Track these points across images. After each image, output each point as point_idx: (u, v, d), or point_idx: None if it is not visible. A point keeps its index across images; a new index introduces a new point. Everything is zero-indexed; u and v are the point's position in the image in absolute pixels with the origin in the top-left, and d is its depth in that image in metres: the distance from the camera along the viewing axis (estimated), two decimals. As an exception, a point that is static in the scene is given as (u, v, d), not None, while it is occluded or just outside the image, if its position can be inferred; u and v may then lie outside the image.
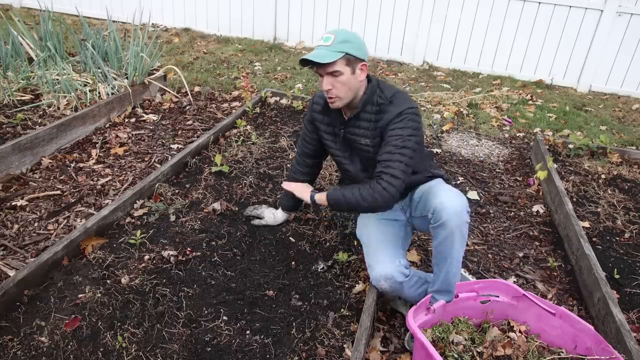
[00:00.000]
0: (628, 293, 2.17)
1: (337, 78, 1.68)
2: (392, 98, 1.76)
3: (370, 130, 1.80)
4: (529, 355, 1.61)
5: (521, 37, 5.34)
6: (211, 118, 3.72)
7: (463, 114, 4.29)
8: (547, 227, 2.69)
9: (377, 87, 1.79)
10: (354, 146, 1.89)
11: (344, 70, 1.67)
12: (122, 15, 6.19)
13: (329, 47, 1.65)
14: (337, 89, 1.71)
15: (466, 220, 1.62)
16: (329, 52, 1.64)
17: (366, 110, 1.78)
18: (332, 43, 1.65)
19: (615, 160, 3.40)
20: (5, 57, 3.56)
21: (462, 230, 1.61)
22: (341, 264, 2.14)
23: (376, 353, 1.74)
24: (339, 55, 1.64)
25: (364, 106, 1.78)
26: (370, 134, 1.80)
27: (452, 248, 1.63)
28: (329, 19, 5.88)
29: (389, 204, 1.72)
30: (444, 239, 1.62)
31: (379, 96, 1.77)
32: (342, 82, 1.69)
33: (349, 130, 1.86)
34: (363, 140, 1.83)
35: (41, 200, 2.49)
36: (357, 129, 1.83)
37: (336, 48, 1.64)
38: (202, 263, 2.09)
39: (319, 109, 1.97)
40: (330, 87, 1.71)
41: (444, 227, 1.61)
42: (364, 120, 1.80)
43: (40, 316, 1.75)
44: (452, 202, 1.61)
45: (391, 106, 1.74)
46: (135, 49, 3.73)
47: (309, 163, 2.19)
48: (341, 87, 1.70)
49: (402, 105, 1.72)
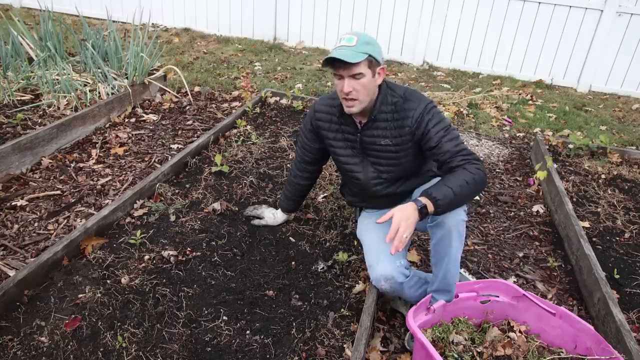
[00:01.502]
0: (628, 293, 2.17)
1: (358, 80, 1.64)
2: (405, 94, 1.76)
3: (389, 130, 1.77)
4: (529, 355, 1.61)
5: (521, 37, 5.34)
6: (211, 118, 3.72)
7: (463, 114, 4.29)
8: (547, 227, 2.69)
9: (386, 87, 1.78)
10: (371, 149, 1.84)
11: (366, 72, 1.63)
12: (122, 15, 6.19)
13: (354, 48, 1.60)
14: (357, 91, 1.66)
15: (463, 219, 1.62)
16: (355, 53, 1.59)
17: (382, 110, 1.76)
18: (356, 43, 1.61)
19: (615, 160, 3.40)
20: (5, 57, 3.56)
21: (459, 229, 1.61)
22: (341, 264, 2.14)
23: (376, 353, 1.74)
24: (363, 56, 1.60)
25: (381, 107, 1.76)
26: (389, 134, 1.77)
27: (449, 247, 1.63)
28: (329, 19, 5.88)
29: (486, 180, 1.65)
30: (441, 238, 1.62)
31: (392, 95, 1.77)
32: (363, 84, 1.65)
33: (366, 133, 1.82)
34: (383, 141, 1.79)
35: (41, 200, 2.49)
36: (376, 131, 1.79)
37: (360, 49, 1.60)
38: (202, 263, 2.09)
39: (323, 117, 1.92)
40: (351, 89, 1.65)
41: (441, 226, 1.60)
42: (382, 120, 1.77)
43: (40, 316, 1.75)
44: None
45: (409, 102, 1.73)
46: (135, 49, 3.73)
47: (310, 170, 2.17)
48: (362, 89, 1.66)
49: (422, 100, 1.73)
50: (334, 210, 2.54)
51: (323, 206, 2.56)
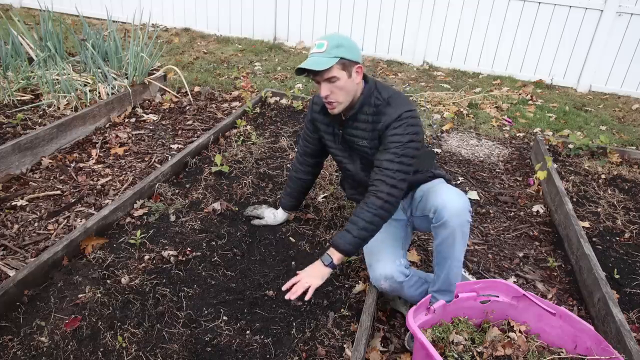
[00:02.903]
0: (628, 293, 2.17)
1: (334, 84, 1.67)
2: (390, 99, 1.74)
3: (367, 132, 1.79)
4: (529, 355, 1.61)
5: (521, 37, 5.34)
6: (211, 118, 3.72)
7: (463, 114, 4.29)
8: (547, 227, 2.69)
9: (374, 88, 1.78)
10: (353, 146, 1.89)
11: (340, 75, 1.66)
12: (122, 15, 6.19)
13: (323, 54, 1.63)
14: (335, 94, 1.70)
15: (467, 220, 1.62)
16: (324, 59, 1.62)
17: (363, 111, 1.77)
18: (325, 49, 1.63)
19: (615, 160, 3.40)
20: (5, 57, 3.56)
21: (463, 230, 1.61)
22: (341, 264, 2.14)
23: (376, 353, 1.74)
24: (334, 60, 1.62)
25: (361, 107, 1.77)
26: (368, 136, 1.79)
27: (453, 248, 1.63)
28: (329, 19, 5.88)
29: (393, 212, 1.71)
30: (445, 238, 1.63)
31: (376, 97, 1.76)
32: (339, 87, 1.68)
33: (347, 131, 1.86)
34: (361, 142, 1.82)
35: (41, 200, 2.49)
36: (355, 130, 1.83)
37: (330, 54, 1.63)
38: (202, 263, 2.08)
39: (318, 109, 1.97)
40: (328, 92, 1.69)
41: (445, 227, 1.61)
42: (362, 121, 1.79)
43: (40, 316, 1.75)
44: (453, 202, 1.61)
45: (389, 107, 1.72)
46: (135, 49, 3.73)
47: (311, 162, 2.19)
48: (339, 92, 1.69)
49: (400, 108, 1.70)
50: (334, 210, 2.54)
51: (323, 206, 2.56)
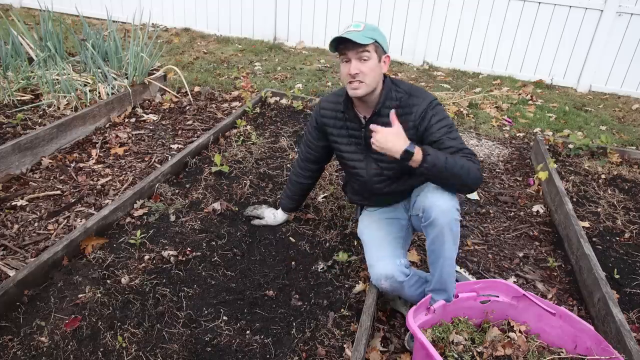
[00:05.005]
0: (628, 293, 2.17)
1: (365, 63, 1.68)
2: (410, 90, 1.79)
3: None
4: (529, 355, 1.61)
5: (521, 37, 5.34)
6: (211, 118, 3.72)
7: (463, 114, 4.29)
8: (547, 227, 2.69)
9: (391, 83, 1.81)
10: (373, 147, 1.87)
11: (372, 56, 1.68)
12: (122, 15, 6.19)
13: (361, 32, 1.66)
14: (364, 74, 1.69)
15: (455, 218, 1.61)
16: (362, 36, 1.65)
17: (386, 105, 1.78)
18: (362, 29, 1.67)
19: (615, 160, 3.40)
20: (5, 57, 3.56)
21: (452, 228, 1.61)
22: (341, 264, 2.14)
23: (376, 353, 1.74)
24: (371, 40, 1.66)
25: (384, 102, 1.78)
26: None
27: (443, 247, 1.62)
28: (329, 19, 5.88)
29: (479, 177, 1.66)
30: (435, 237, 1.63)
31: (396, 91, 1.79)
32: (369, 67, 1.69)
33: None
34: None
35: (41, 200, 2.49)
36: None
37: (367, 34, 1.66)
38: (202, 263, 2.08)
39: (328, 114, 1.95)
40: (357, 71, 1.69)
41: (434, 226, 1.61)
42: (386, 115, 1.77)
43: (40, 316, 1.75)
44: (440, 201, 1.61)
45: (414, 98, 1.76)
46: (135, 49, 3.73)
47: (312, 168, 2.18)
48: (368, 72, 1.70)
49: (427, 96, 1.76)
50: (334, 210, 2.54)
51: (323, 206, 2.56)
